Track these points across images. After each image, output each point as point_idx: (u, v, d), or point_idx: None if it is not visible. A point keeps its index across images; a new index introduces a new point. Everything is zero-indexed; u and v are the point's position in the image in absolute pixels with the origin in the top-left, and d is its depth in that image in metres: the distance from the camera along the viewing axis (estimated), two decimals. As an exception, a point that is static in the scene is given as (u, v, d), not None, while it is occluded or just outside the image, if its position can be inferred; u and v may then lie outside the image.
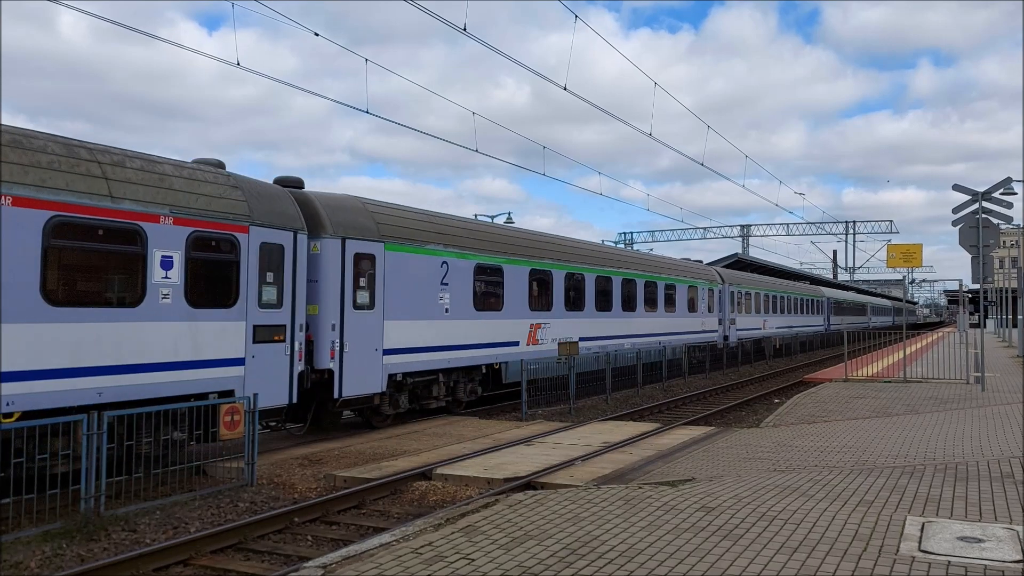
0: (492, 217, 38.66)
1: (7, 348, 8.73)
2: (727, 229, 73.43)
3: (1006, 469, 8.96)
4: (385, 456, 11.89)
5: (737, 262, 45.17)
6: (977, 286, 21.90)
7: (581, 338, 21.12)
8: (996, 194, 18.43)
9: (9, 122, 10.00)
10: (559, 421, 16.14)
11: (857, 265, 76.99)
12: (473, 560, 5.93)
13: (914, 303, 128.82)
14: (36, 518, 8.26)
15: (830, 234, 71.89)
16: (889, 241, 68.24)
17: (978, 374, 19.18)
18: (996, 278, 45.30)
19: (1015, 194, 24.08)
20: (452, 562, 5.90)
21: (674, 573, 5.54)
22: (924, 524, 6.67)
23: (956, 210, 18.45)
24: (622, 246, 64.05)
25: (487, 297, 17.71)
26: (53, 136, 9.79)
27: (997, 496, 7.66)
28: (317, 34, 15.60)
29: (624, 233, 71.65)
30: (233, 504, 9.49)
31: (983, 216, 17.98)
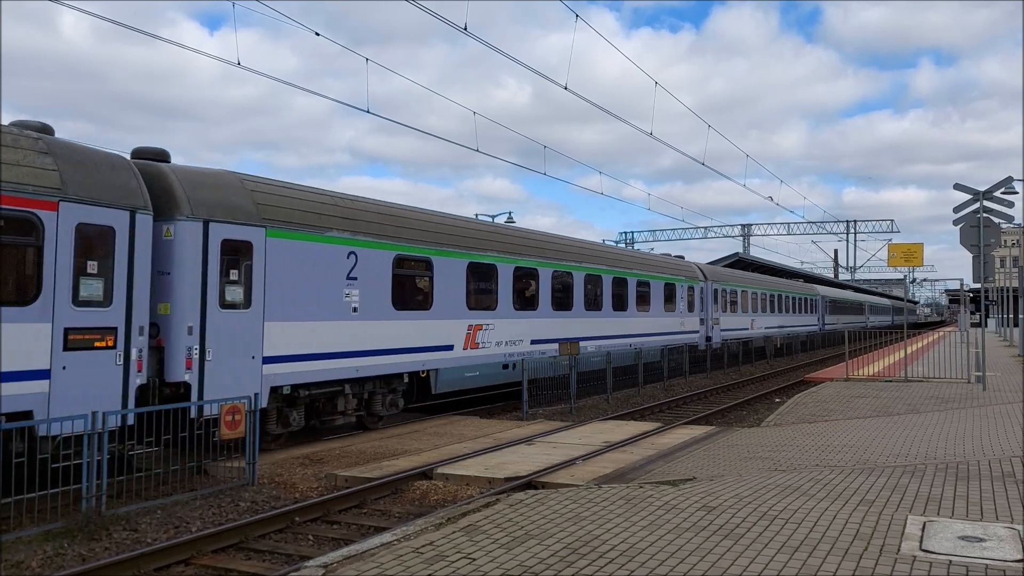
0: (493, 217, 38.31)
1: None
2: (728, 229, 73.53)
3: (1007, 468, 8.96)
4: (386, 455, 11.89)
5: (738, 261, 45.18)
6: (978, 285, 21.90)
7: (534, 340, 18.85)
8: (997, 193, 18.42)
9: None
10: (560, 420, 16.15)
11: (858, 264, 77.05)
12: (474, 559, 5.93)
13: (915, 302, 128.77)
14: (37, 517, 8.26)
15: (831, 233, 71.95)
16: (890, 240, 68.32)
17: (979, 373, 19.17)
18: (997, 277, 45.31)
19: (1016, 193, 24.05)
20: (453, 561, 5.90)
21: (675, 572, 5.54)
22: (925, 523, 6.67)
23: (957, 209, 18.45)
24: (617, 244, 63.43)
25: (411, 294, 15.36)
26: None
27: (998, 495, 7.66)
28: (318, 34, 15.61)
29: (625, 233, 71.78)
30: (234, 504, 9.50)
31: (984, 215, 17.97)
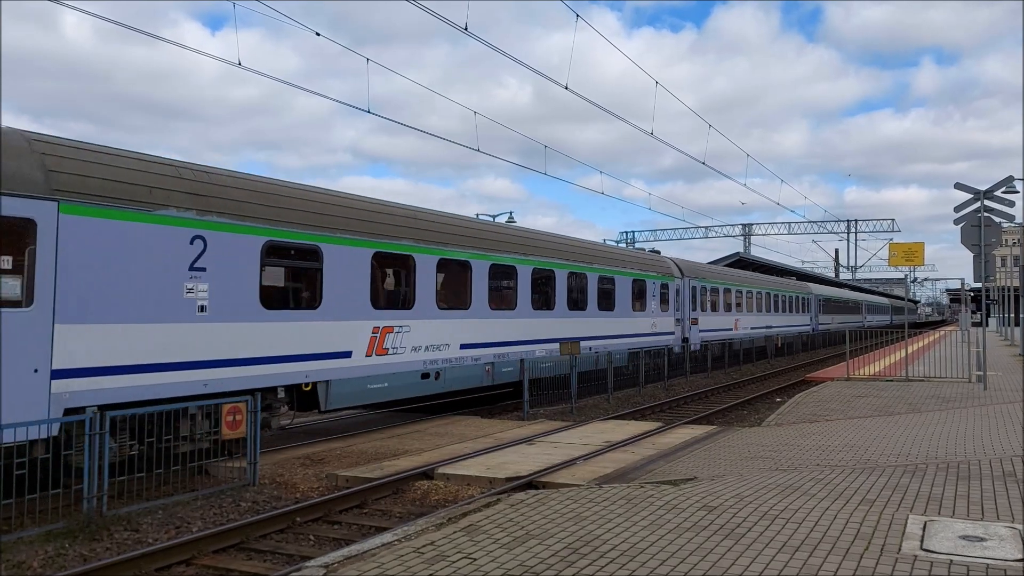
0: (494, 216, 38.03)
1: None
2: (729, 228, 73.55)
3: (1008, 468, 8.95)
4: (387, 456, 11.90)
5: (739, 261, 45.17)
6: (979, 284, 21.90)
7: (465, 345, 16.34)
8: (998, 192, 18.42)
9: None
10: (561, 420, 16.15)
11: (859, 264, 77.07)
12: (475, 559, 5.93)
13: (916, 302, 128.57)
14: (39, 518, 8.27)
15: (832, 233, 71.98)
16: (891, 240, 68.34)
17: (980, 373, 19.16)
18: (998, 276, 45.27)
19: (1017, 192, 24.03)
20: (454, 561, 5.90)
21: (676, 572, 5.54)
22: (926, 523, 6.67)
23: (958, 209, 18.44)
24: (618, 244, 62.93)
25: (291, 290, 12.95)
26: None
27: (999, 495, 7.66)
28: (319, 34, 15.61)
29: (626, 232, 71.81)
30: (235, 504, 9.51)
31: (985, 215, 17.97)
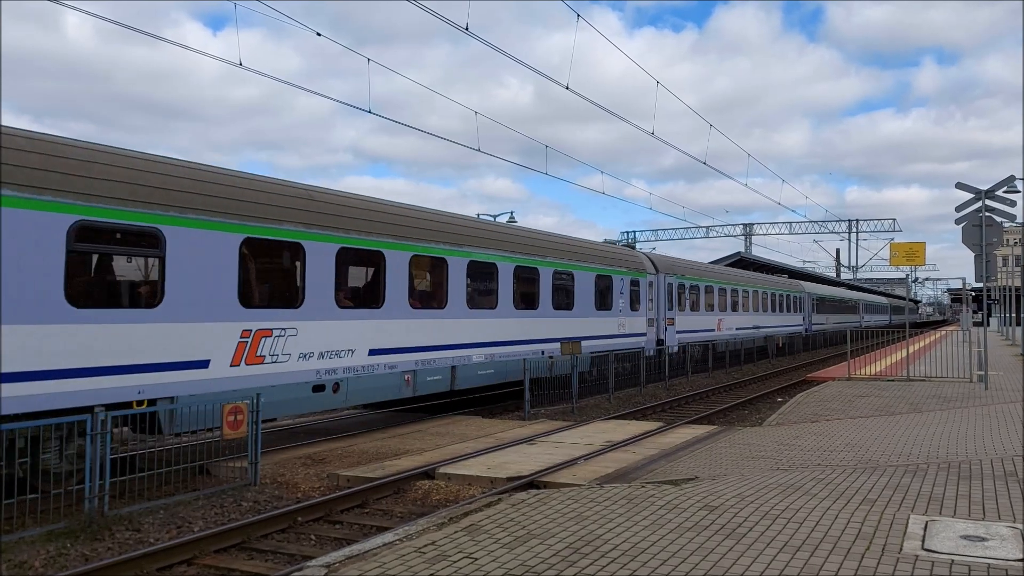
0: (495, 216, 37.09)
1: None
2: (730, 228, 73.52)
3: (1009, 468, 8.95)
4: (388, 455, 11.90)
5: (739, 260, 45.15)
6: (980, 284, 21.86)
7: (376, 350, 13.82)
8: (999, 192, 18.40)
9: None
10: (562, 420, 16.15)
11: (860, 264, 76.98)
12: (476, 559, 5.94)
13: (917, 301, 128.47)
14: (40, 518, 8.28)
15: (833, 232, 71.91)
16: (892, 240, 68.30)
17: (981, 372, 19.16)
18: (999, 276, 45.24)
19: (1018, 192, 24.03)
20: (455, 561, 5.90)
21: (677, 572, 5.54)
22: (927, 523, 6.66)
23: (959, 208, 18.43)
24: (618, 243, 62.73)
25: (117, 285, 10.45)
26: None
27: (1001, 495, 7.65)
28: (320, 34, 15.62)
29: (627, 232, 71.72)
30: (236, 503, 9.51)
31: (986, 214, 17.95)
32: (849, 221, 72.19)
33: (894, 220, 69.93)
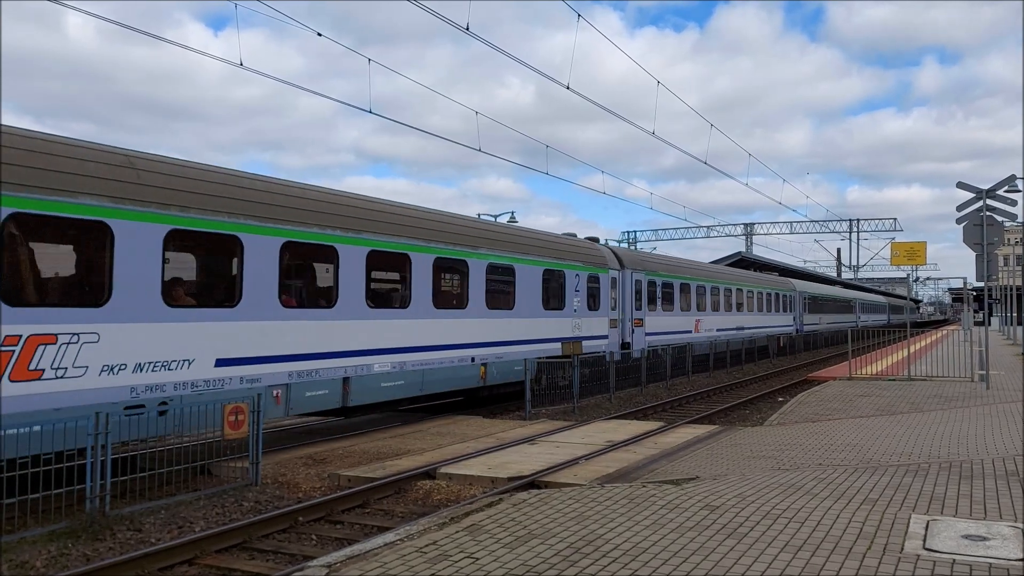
0: (496, 216, 37.52)
1: None
2: (731, 228, 73.50)
3: (1011, 467, 8.94)
4: (389, 455, 11.90)
5: (740, 260, 45.15)
6: (981, 284, 21.85)
7: (224, 361, 11.11)
8: (1000, 192, 18.39)
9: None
10: (563, 420, 16.15)
11: (862, 263, 77.00)
12: (477, 559, 5.94)
13: (918, 301, 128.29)
14: (42, 518, 8.28)
15: (834, 232, 71.88)
16: (893, 239, 68.27)
17: (983, 372, 19.15)
18: (1000, 276, 45.21)
19: (1019, 191, 24.05)
20: (456, 561, 5.90)
21: (678, 572, 5.54)
22: (929, 522, 6.66)
23: (960, 208, 18.42)
24: (620, 244, 62.29)
25: None
26: None
27: (1002, 494, 7.65)
28: (321, 34, 15.62)
29: (628, 232, 71.73)
30: (238, 503, 9.52)
31: (987, 214, 17.94)
32: (850, 221, 72.20)
33: (895, 220, 69.85)
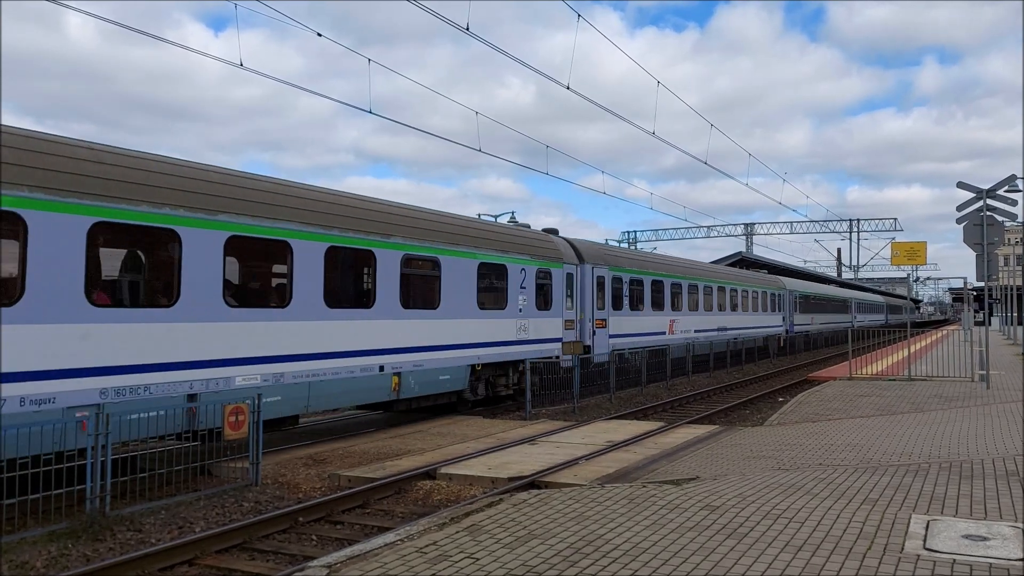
0: (496, 216, 37.96)
1: None
2: (731, 228, 73.52)
3: (1011, 467, 8.94)
4: (389, 455, 11.90)
5: (740, 260, 45.16)
6: (982, 283, 21.84)
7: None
8: (1000, 191, 18.38)
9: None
10: (563, 420, 16.14)
11: (862, 263, 77.01)
12: (478, 559, 5.93)
13: (918, 301, 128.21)
14: (42, 518, 8.28)
15: (834, 232, 71.90)
16: (893, 239, 68.27)
17: (983, 372, 19.14)
18: (1001, 275, 45.19)
19: (1019, 191, 24.02)
20: (456, 561, 5.90)
21: (679, 572, 5.53)
22: (929, 522, 6.66)
23: (960, 208, 18.41)
24: (620, 244, 62.14)
25: None
26: None
27: (1002, 494, 7.64)
28: (321, 35, 15.62)
29: (628, 232, 71.74)
30: (238, 504, 9.51)
31: (987, 214, 17.94)
32: (850, 221, 72.22)
33: (895, 219, 69.88)
